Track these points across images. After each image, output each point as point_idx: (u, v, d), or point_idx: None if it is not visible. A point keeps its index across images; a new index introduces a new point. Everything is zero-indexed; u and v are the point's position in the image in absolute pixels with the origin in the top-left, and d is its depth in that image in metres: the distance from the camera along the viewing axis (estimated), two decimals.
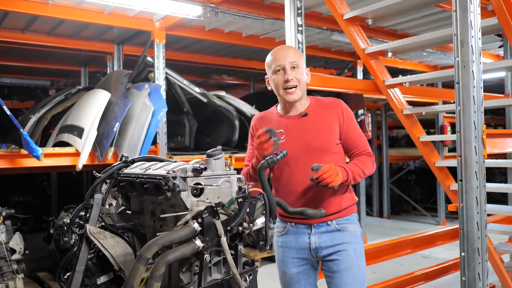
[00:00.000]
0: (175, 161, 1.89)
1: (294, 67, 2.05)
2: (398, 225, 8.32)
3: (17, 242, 3.84)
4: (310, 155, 2.02)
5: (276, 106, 2.23)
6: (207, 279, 1.59)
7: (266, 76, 2.17)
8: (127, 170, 1.86)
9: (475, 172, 2.22)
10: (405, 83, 3.59)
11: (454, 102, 2.33)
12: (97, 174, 1.85)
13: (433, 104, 6.92)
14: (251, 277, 1.69)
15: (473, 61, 2.22)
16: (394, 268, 5.10)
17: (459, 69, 2.27)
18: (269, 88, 2.17)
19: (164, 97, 4.60)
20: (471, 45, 2.23)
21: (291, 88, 2.05)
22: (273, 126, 1.99)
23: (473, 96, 2.22)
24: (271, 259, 5.65)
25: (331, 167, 1.88)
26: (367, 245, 6.34)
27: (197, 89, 5.18)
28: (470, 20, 2.22)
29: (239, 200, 1.62)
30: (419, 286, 4.08)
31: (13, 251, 3.81)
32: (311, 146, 2.05)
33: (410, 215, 9.35)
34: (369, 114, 7.44)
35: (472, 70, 2.22)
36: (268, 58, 2.12)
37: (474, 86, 2.22)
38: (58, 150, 4.06)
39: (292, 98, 2.06)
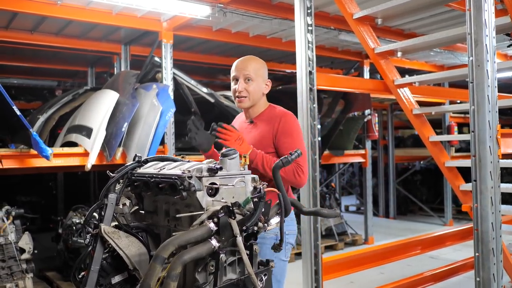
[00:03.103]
0: (188, 161, 1.89)
1: (247, 80, 2.26)
2: (404, 225, 8.28)
3: (26, 241, 3.86)
4: None
5: None
6: (223, 279, 1.58)
7: None
8: (141, 170, 1.86)
9: (490, 172, 2.20)
10: (414, 82, 3.58)
11: (461, 102, 2.32)
12: (111, 174, 1.85)
13: (439, 104, 6.89)
14: (266, 277, 1.69)
15: (488, 60, 2.21)
16: (402, 268, 5.07)
17: (473, 68, 2.25)
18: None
19: (172, 97, 4.60)
20: (486, 44, 2.21)
21: (240, 97, 2.27)
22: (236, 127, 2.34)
23: (488, 95, 2.20)
24: None
25: (238, 135, 2.13)
26: (374, 246, 6.34)
27: (205, 89, 5.18)
28: (485, 19, 2.21)
29: (254, 199, 1.61)
30: (428, 287, 4.06)
31: (22, 251, 3.82)
32: None
33: (416, 215, 9.31)
34: (376, 114, 7.40)
35: (487, 69, 2.21)
36: (232, 66, 2.34)
37: (489, 86, 2.21)
38: (67, 150, 4.06)
39: (241, 106, 2.32)
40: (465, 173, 3.49)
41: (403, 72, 6.89)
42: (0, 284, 3.60)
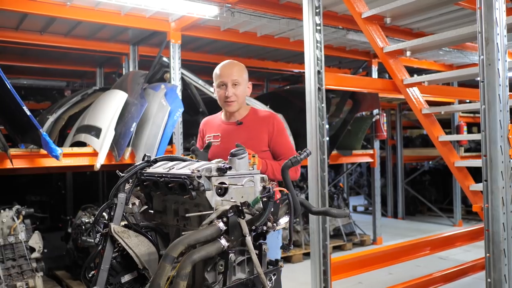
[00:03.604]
0: (197, 161, 1.89)
1: (235, 84, 2.37)
2: (413, 226, 8.22)
3: (36, 240, 3.89)
4: None
5: (222, 111, 2.55)
6: (232, 278, 1.58)
7: (214, 84, 2.48)
8: (150, 170, 1.87)
9: (501, 172, 2.18)
10: (423, 82, 3.55)
11: (470, 101, 2.31)
12: (121, 173, 1.86)
13: (448, 103, 6.83)
14: (275, 276, 1.68)
15: (499, 59, 2.19)
16: (411, 269, 5.03)
17: (484, 67, 2.23)
18: (214, 95, 2.51)
19: (180, 97, 4.61)
20: (497, 43, 2.19)
21: (230, 102, 2.37)
22: (213, 130, 2.47)
23: (499, 94, 2.18)
24: None
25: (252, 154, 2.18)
26: (383, 246, 6.30)
27: (212, 89, 5.18)
28: (496, 18, 2.19)
29: (263, 199, 1.61)
30: None
31: (32, 250, 3.86)
32: None
33: (425, 216, 9.24)
34: (384, 114, 7.36)
35: (498, 68, 2.18)
36: (215, 71, 2.43)
37: (500, 85, 2.19)
38: (76, 150, 4.09)
39: (231, 109, 2.41)
40: (474, 173, 3.47)
41: (411, 71, 6.84)
42: (11, 283, 3.64)
